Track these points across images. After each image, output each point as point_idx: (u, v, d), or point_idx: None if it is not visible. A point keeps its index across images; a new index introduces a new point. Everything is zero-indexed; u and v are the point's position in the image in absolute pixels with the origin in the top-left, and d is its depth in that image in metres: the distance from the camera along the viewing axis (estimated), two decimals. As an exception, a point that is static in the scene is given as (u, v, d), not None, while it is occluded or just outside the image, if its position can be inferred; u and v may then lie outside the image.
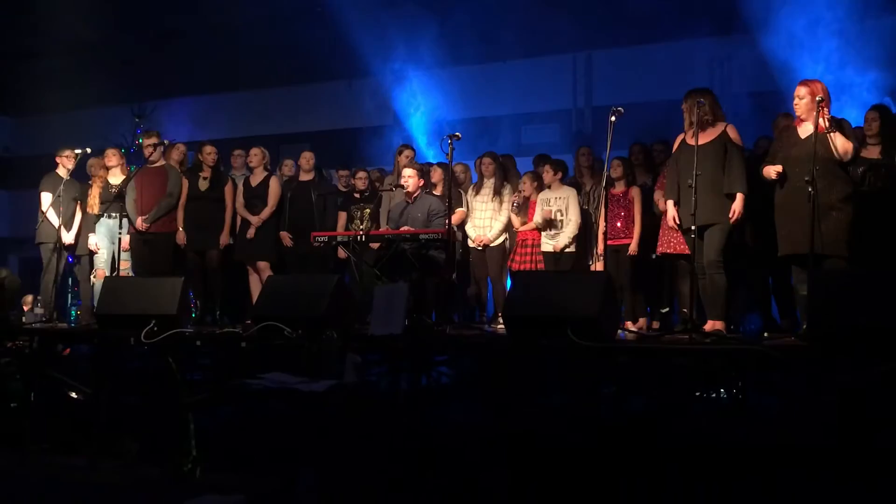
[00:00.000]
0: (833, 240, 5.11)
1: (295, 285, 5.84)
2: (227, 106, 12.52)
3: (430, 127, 10.60)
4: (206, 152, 7.60)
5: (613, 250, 6.83)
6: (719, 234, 5.47)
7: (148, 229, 7.39)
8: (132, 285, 6.26)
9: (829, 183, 5.12)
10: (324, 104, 11.89)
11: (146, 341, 5.43)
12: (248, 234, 7.43)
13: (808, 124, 5.26)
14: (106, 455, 5.03)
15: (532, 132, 10.72)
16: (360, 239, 6.42)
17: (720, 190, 5.45)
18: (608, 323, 4.81)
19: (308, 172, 7.94)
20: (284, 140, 10.84)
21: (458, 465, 4.35)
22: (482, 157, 7.59)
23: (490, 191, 7.44)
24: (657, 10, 9.05)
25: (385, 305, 5.13)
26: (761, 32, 8.42)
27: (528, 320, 4.86)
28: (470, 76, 10.73)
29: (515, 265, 7.16)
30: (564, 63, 10.83)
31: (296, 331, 5.21)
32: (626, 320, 6.74)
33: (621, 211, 6.90)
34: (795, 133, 5.36)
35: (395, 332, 4.94)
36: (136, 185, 7.47)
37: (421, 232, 6.35)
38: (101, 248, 7.56)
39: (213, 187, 7.54)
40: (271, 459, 4.57)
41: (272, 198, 7.51)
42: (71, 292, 9.40)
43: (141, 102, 11.84)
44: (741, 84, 9.03)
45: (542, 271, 6.88)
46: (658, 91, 8.89)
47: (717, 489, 3.92)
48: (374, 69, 10.62)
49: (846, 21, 8.03)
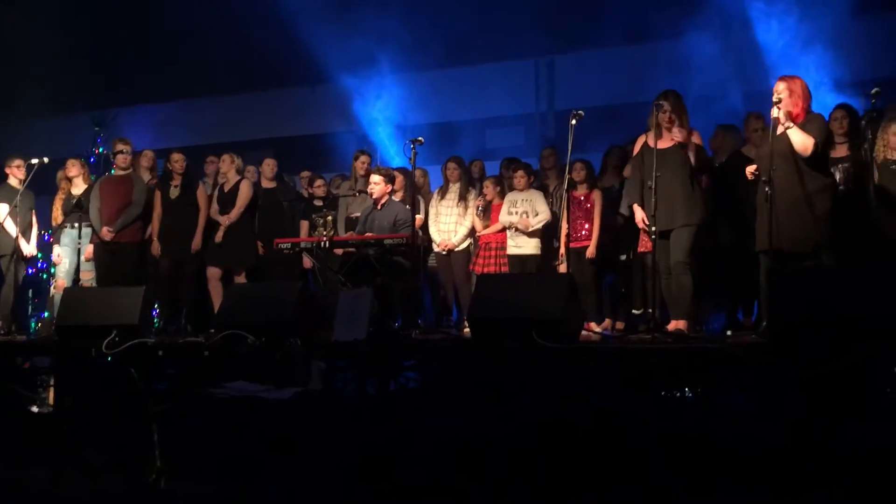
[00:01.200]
0: (798, 237, 5.16)
1: (258, 293, 5.83)
2: (190, 113, 12.41)
3: (393, 132, 10.60)
4: (174, 160, 7.53)
5: (576, 252, 6.87)
6: (687, 235, 5.53)
7: (113, 238, 7.30)
8: (93, 295, 6.20)
9: (795, 179, 5.17)
10: (287, 110, 11.83)
11: (108, 352, 5.37)
12: (217, 238, 7.33)
13: None
14: (69, 467, 4.95)
15: (496, 136, 10.76)
16: (323, 245, 6.40)
17: (686, 192, 5.50)
18: (572, 324, 4.85)
19: (270, 180, 7.91)
20: (248, 147, 10.75)
21: (427, 469, 4.35)
22: (447, 161, 7.61)
23: (455, 195, 7.46)
24: (620, 14, 9.14)
25: (349, 311, 5.12)
26: (723, 33, 8.54)
27: (492, 323, 4.89)
28: (433, 81, 10.75)
29: (478, 268, 7.19)
30: (527, 67, 10.89)
31: (260, 339, 5.18)
32: (590, 321, 6.79)
33: (582, 213, 6.95)
34: (771, 131, 5.34)
35: (359, 337, 4.93)
36: (99, 194, 7.37)
37: (385, 237, 6.36)
38: (63, 259, 7.46)
39: (184, 193, 7.47)
40: (237, 468, 4.53)
41: (241, 199, 7.43)
42: (31, 304, 9.26)
43: (101, 110, 11.69)
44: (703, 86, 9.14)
45: (506, 274, 6.92)
46: (621, 94, 8.98)
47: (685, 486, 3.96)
48: (338, 75, 10.59)
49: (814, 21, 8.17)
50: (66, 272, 7.43)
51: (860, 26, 8.43)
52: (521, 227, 6.95)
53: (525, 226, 6.95)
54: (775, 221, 5.04)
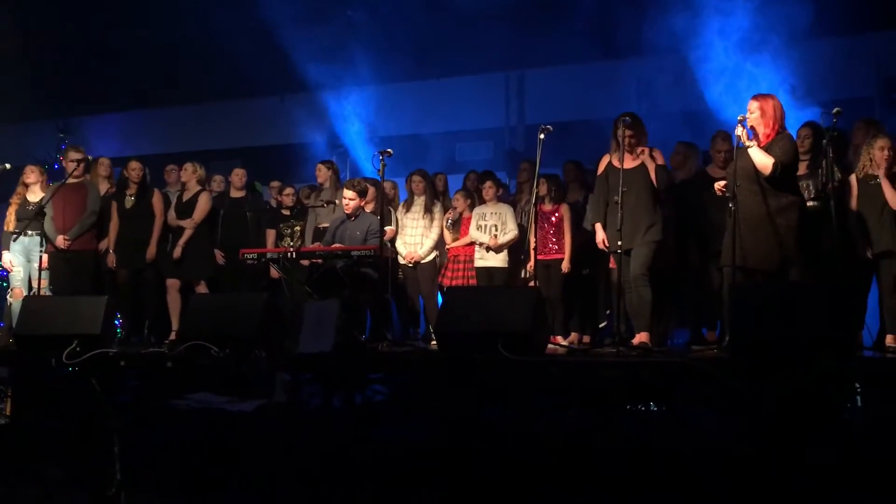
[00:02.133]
0: (763, 254, 5.21)
1: (223, 304, 5.76)
2: (157, 121, 12.29)
3: (362, 143, 10.59)
4: (131, 168, 7.43)
5: (544, 265, 6.90)
6: (645, 250, 5.60)
7: (69, 247, 7.19)
8: (54, 304, 6.09)
9: (759, 197, 5.24)
10: (255, 120, 11.76)
11: (68, 362, 5.27)
12: (175, 254, 7.23)
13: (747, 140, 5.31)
14: (28, 481, 4.86)
15: (465, 150, 10.79)
16: (290, 256, 6.36)
17: (648, 212, 5.58)
18: (539, 337, 4.86)
19: (239, 190, 7.86)
20: (215, 156, 10.68)
21: (393, 482, 4.33)
22: (412, 174, 7.62)
23: (421, 208, 7.47)
24: (590, 30, 9.23)
25: (315, 322, 5.09)
26: (690, 51, 8.66)
27: (459, 336, 4.88)
28: (403, 93, 10.76)
29: (447, 281, 7.20)
30: (497, 81, 10.95)
31: (224, 350, 5.13)
32: (557, 335, 6.82)
33: (551, 228, 6.99)
34: (735, 148, 5.39)
35: (325, 349, 4.90)
36: (53, 203, 7.24)
37: (353, 249, 6.33)
38: (17, 267, 7.31)
39: (138, 203, 7.38)
40: (200, 482, 4.48)
41: (198, 212, 7.34)
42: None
43: (66, 117, 11.54)
44: (671, 103, 9.24)
45: (473, 287, 6.93)
46: (591, 110, 9.05)
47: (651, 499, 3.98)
48: (307, 85, 10.56)
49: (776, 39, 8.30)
50: (21, 280, 7.29)
51: (820, 47, 8.59)
52: (492, 245, 6.98)
53: (495, 245, 6.98)
54: (739, 238, 5.11)
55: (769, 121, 5.33)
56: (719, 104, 8.30)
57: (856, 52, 8.89)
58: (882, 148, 5.66)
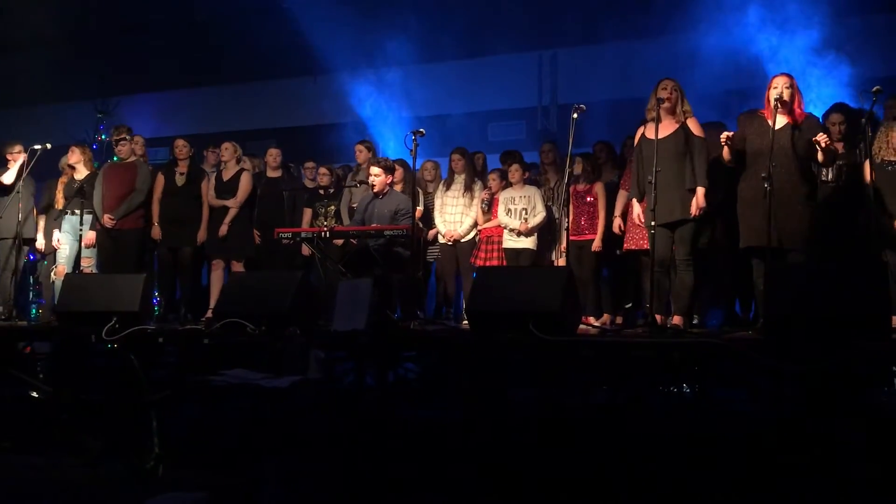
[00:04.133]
0: (795, 233, 5.17)
1: (258, 282, 5.83)
2: (192, 102, 12.40)
3: (396, 124, 10.61)
4: (178, 146, 7.50)
5: (577, 246, 6.88)
6: (689, 232, 5.52)
7: (115, 225, 7.30)
8: (94, 282, 6.20)
9: (795, 178, 5.19)
10: (289, 100, 11.83)
11: (107, 338, 5.38)
12: (221, 232, 7.30)
13: (782, 117, 5.24)
14: (67, 453, 4.98)
15: (498, 129, 10.76)
16: (324, 235, 6.42)
17: (682, 185, 5.48)
18: (570, 317, 4.86)
19: (275, 170, 7.93)
20: (249, 136, 10.77)
21: (425, 459, 4.38)
22: (453, 152, 7.62)
23: (461, 186, 7.46)
24: (623, 9, 9.14)
25: (349, 301, 5.13)
26: (727, 30, 8.53)
27: (490, 315, 4.90)
28: (436, 73, 10.74)
29: (480, 262, 7.20)
30: (530, 60, 10.88)
31: (259, 327, 5.19)
32: (589, 316, 6.80)
33: (585, 207, 6.96)
34: (765, 123, 5.30)
35: (359, 327, 4.94)
36: (103, 181, 7.37)
37: (386, 228, 6.37)
38: (64, 245, 7.47)
39: (189, 182, 7.45)
40: (235, 456, 4.56)
41: (241, 192, 7.42)
42: (32, 290, 9.27)
43: (104, 98, 11.69)
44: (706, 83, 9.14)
45: (504, 267, 6.92)
46: (624, 89, 8.97)
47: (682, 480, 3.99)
48: (341, 65, 10.59)
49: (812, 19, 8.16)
50: (66, 258, 7.44)
51: (861, 25, 8.43)
52: (522, 230, 6.98)
53: (525, 230, 6.98)
54: (774, 218, 5.04)
55: (799, 98, 5.32)
56: (757, 83, 8.18)
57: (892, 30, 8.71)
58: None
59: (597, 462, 4.13)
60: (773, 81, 5.31)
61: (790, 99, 5.26)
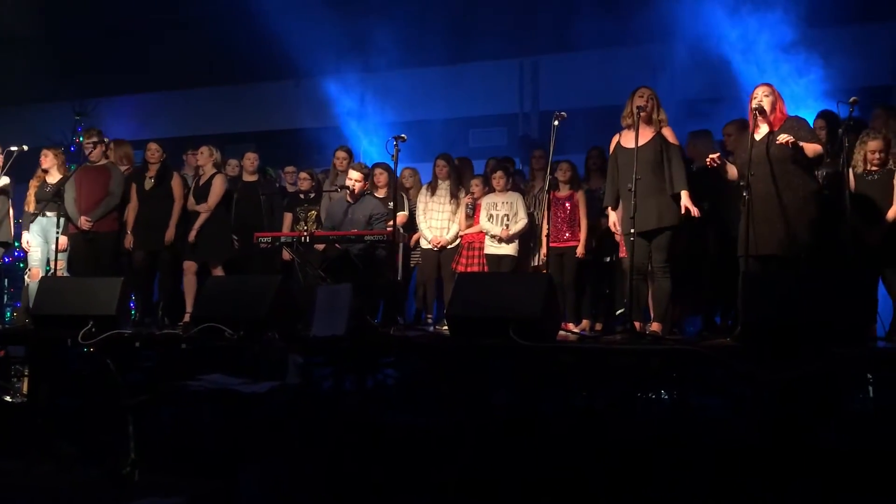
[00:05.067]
0: (776, 242, 5.19)
1: (237, 286, 5.80)
2: (172, 104, 12.35)
3: (377, 129, 10.61)
4: (149, 150, 7.46)
5: (557, 253, 6.90)
6: (665, 239, 5.55)
7: (91, 228, 7.24)
8: (70, 285, 6.14)
9: (773, 185, 5.21)
10: (270, 104, 11.80)
11: (84, 342, 5.32)
12: (189, 238, 7.24)
13: (764, 126, 5.31)
14: (42, 459, 4.93)
15: (479, 136, 10.79)
16: (304, 240, 6.40)
17: (660, 192, 5.51)
18: (550, 324, 4.87)
19: (252, 174, 7.91)
20: (229, 140, 10.72)
21: (405, 464, 4.37)
22: (437, 158, 7.62)
23: (446, 192, 7.45)
24: (604, 16, 9.19)
25: (328, 306, 5.11)
26: (704, 40, 8.61)
27: (470, 321, 4.90)
28: (417, 79, 10.75)
29: (461, 267, 7.19)
30: (511, 67, 10.93)
31: (237, 332, 5.16)
32: (569, 322, 6.82)
33: (566, 214, 6.98)
34: (751, 136, 5.33)
35: (338, 333, 4.93)
36: (75, 184, 7.31)
37: (366, 233, 6.36)
38: (34, 247, 7.39)
39: (158, 184, 7.40)
40: (212, 461, 4.53)
41: (213, 196, 7.35)
42: (6, 292, 9.17)
43: (83, 100, 11.60)
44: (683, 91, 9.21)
45: (484, 273, 6.93)
46: (605, 96, 9.01)
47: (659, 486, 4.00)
48: (323, 70, 10.58)
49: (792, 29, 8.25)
50: (38, 260, 7.36)
51: (841, 34, 8.54)
52: (503, 237, 6.99)
53: (506, 236, 6.99)
54: (753, 226, 5.08)
55: (780, 104, 5.38)
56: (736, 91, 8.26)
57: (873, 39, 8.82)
58: (874, 151, 5.65)
59: (576, 466, 4.14)
60: (754, 92, 5.40)
61: (770, 107, 5.32)
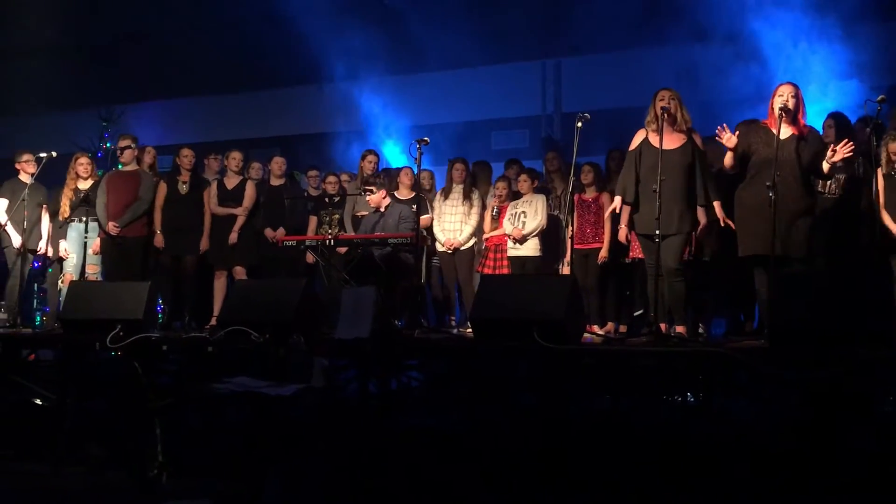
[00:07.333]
0: (798, 242, 5.17)
1: (262, 290, 5.83)
2: (197, 110, 12.45)
3: (400, 132, 10.63)
4: (183, 155, 7.55)
5: (582, 255, 6.88)
6: (679, 243, 5.45)
7: (119, 233, 7.32)
8: (98, 290, 6.21)
9: (798, 188, 5.18)
10: (294, 109, 11.87)
11: (111, 346, 5.37)
12: (231, 240, 7.36)
13: (786, 127, 5.22)
14: (71, 461, 4.98)
15: (502, 138, 10.78)
16: (328, 243, 6.43)
17: (684, 199, 5.42)
18: (574, 325, 4.85)
19: (279, 178, 7.98)
20: (254, 144, 10.80)
21: (428, 467, 4.37)
22: (454, 161, 7.62)
23: (459, 195, 7.47)
24: (627, 17, 9.15)
25: (352, 309, 5.13)
26: (731, 41, 8.54)
27: (494, 323, 4.89)
28: (440, 82, 10.77)
29: (488, 270, 7.19)
30: (534, 69, 10.91)
31: (263, 335, 5.20)
32: (594, 324, 6.79)
33: (591, 216, 6.95)
34: (770, 132, 5.25)
35: (363, 335, 4.94)
36: (106, 189, 7.39)
37: (389, 236, 6.38)
38: (71, 254, 7.50)
39: (192, 190, 7.49)
40: (238, 464, 4.56)
41: (247, 199, 7.48)
42: (36, 297, 9.29)
43: (108, 106, 11.73)
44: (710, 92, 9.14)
45: (508, 275, 6.93)
46: (628, 98, 8.96)
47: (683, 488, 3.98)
48: (346, 74, 10.62)
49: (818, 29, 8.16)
50: (74, 266, 7.47)
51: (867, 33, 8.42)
52: (515, 236, 6.98)
53: (518, 236, 6.97)
54: (777, 227, 5.03)
55: (803, 108, 5.30)
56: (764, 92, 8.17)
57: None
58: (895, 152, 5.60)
59: (601, 470, 4.13)
60: (779, 90, 5.28)
61: (795, 108, 5.23)
